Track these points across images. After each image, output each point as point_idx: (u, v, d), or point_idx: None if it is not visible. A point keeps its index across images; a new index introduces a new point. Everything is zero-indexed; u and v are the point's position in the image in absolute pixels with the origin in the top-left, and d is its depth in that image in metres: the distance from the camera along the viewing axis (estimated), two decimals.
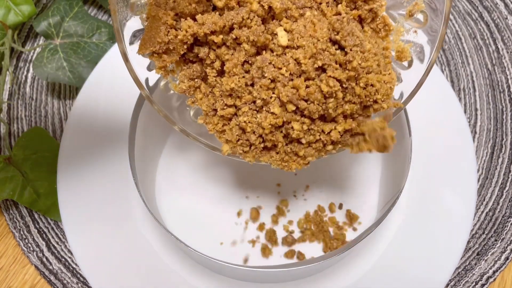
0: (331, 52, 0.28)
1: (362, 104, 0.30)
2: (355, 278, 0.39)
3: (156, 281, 0.39)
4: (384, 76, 0.29)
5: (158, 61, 0.31)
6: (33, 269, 0.44)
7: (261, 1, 0.28)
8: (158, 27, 0.29)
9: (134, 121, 0.38)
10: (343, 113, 0.30)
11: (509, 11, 0.54)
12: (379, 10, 0.30)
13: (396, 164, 0.41)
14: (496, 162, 0.48)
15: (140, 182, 0.38)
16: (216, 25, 0.28)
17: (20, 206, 0.46)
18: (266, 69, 0.28)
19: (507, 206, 0.46)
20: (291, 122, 0.30)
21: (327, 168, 0.46)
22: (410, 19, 0.32)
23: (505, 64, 0.52)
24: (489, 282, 0.43)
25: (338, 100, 0.29)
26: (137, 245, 0.40)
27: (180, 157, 0.46)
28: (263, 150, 0.32)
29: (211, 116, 0.32)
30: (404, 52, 0.32)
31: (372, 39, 0.30)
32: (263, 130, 0.30)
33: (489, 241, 0.45)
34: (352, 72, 0.28)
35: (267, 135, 0.30)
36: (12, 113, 0.50)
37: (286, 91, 0.28)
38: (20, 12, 0.50)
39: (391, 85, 0.30)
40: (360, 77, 0.29)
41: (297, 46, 0.28)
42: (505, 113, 0.50)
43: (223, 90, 0.30)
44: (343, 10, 0.30)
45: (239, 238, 0.43)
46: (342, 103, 0.29)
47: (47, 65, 0.47)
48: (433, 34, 0.32)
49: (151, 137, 0.44)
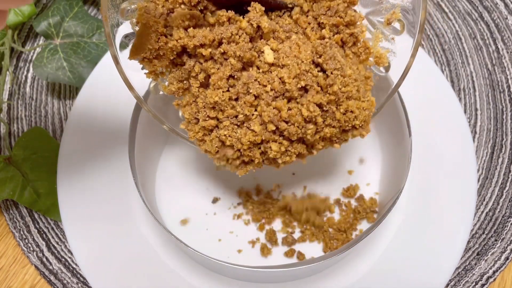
0: (314, 74, 0.30)
1: (341, 128, 0.31)
2: (355, 278, 0.39)
3: (156, 280, 0.39)
4: (363, 103, 0.31)
5: (148, 66, 0.31)
6: (33, 269, 0.44)
7: (250, 20, 0.29)
8: (148, 34, 0.30)
9: (134, 121, 0.38)
10: (322, 137, 0.31)
11: (509, 11, 0.55)
12: (360, 35, 0.32)
13: (396, 164, 0.41)
14: (496, 162, 0.48)
15: (140, 182, 0.39)
16: (206, 38, 0.29)
17: (20, 206, 0.46)
18: (251, 85, 0.30)
19: (507, 206, 0.46)
20: (269, 142, 0.31)
21: (326, 168, 0.46)
22: (388, 27, 0.34)
23: (505, 64, 0.52)
24: (489, 282, 0.43)
25: (318, 125, 0.30)
26: (137, 245, 0.40)
27: (180, 157, 0.46)
28: (240, 164, 0.33)
29: (193, 124, 0.33)
30: (382, 58, 0.33)
31: (354, 65, 0.32)
32: (241, 146, 0.31)
33: (489, 241, 0.45)
34: (332, 96, 0.30)
35: (245, 150, 0.31)
36: (12, 113, 0.50)
37: (268, 111, 0.30)
38: (20, 12, 0.50)
39: (369, 112, 0.31)
40: (340, 101, 0.30)
41: (282, 65, 0.30)
42: (505, 113, 0.50)
43: (207, 102, 0.31)
44: (327, 34, 0.31)
45: (239, 239, 0.43)
46: (323, 126, 0.31)
47: (47, 65, 0.47)
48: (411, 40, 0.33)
49: (151, 137, 0.44)
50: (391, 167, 0.43)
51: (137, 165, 0.38)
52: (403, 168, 0.38)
